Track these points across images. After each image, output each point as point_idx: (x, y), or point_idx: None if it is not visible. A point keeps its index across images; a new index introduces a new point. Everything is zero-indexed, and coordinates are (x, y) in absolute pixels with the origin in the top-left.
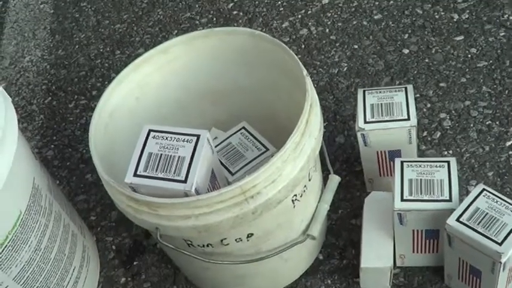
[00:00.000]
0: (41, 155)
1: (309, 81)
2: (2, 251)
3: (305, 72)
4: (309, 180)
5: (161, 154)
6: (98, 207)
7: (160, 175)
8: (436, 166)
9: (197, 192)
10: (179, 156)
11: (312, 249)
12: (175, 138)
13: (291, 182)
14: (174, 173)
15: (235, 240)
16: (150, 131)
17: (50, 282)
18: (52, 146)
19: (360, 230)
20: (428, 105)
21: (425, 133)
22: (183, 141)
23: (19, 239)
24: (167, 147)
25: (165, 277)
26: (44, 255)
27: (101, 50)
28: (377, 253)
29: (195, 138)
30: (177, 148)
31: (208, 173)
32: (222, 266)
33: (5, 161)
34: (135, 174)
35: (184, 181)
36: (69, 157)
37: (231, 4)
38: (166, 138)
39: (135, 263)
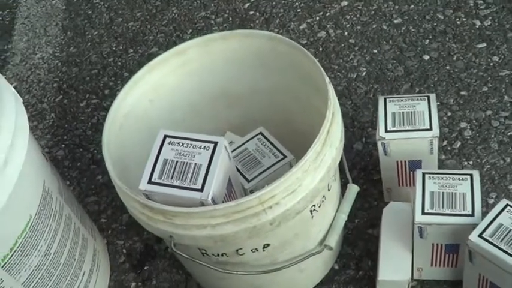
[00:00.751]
0: (51, 154)
1: (331, 88)
2: (11, 255)
3: (327, 79)
4: (328, 190)
5: (177, 161)
6: (108, 209)
7: (175, 183)
8: (459, 179)
9: (214, 201)
10: (196, 164)
11: (327, 259)
12: (191, 144)
13: (310, 192)
14: (190, 181)
15: (251, 250)
16: (165, 136)
17: (60, 287)
18: (63, 145)
19: (376, 240)
20: (449, 113)
21: (445, 142)
22: (200, 148)
23: (28, 243)
24: (183, 154)
25: (177, 283)
26: (53, 259)
27: (114, 48)
28: (395, 265)
29: (212, 145)
30: (194, 155)
31: (225, 181)
32: (236, 276)
33: (15, 166)
34: (150, 182)
35: (201, 190)
36: (80, 157)
37: (248, 4)
38: (183, 145)
39: (146, 267)
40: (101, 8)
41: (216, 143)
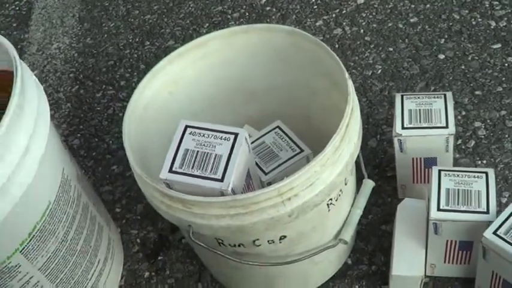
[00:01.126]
0: (67, 143)
1: (350, 84)
2: (30, 240)
3: (347, 74)
4: (345, 184)
5: (198, 151)
6: (123, 199)
7: (196, 172)
8: (474, 176)
9: (233, 192)
10: (216, 154)
11: (341, 253)
12: (212, 135)
13: (328, 186)
14: (210, 171)
15: (268, 241)
16: (187, 126)
17: (75, 273)
18: (78, 135)
19: (390, 236)
20: (463, 113)
21: (459, 141)
22: (221, 138)
23: (47, 229)
24: (204, 144)
25: (190, 274)
26: (70, 246)
27: (130, 40)
28: (408, 261)
29: (233, 136)
30: (214, 146)
31: (244, 173)
32: (251, 267)
33: (37, 152)
34: (171, 171)
35: (221, 180)
36: (96, 147)
37: (264, 0)
38: (203, 135)
39: (159, 257)
40: (117, 0)
41: (236, 134)
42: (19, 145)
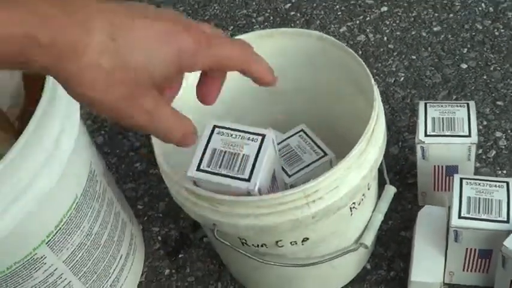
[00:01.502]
0: (92, 140)
1: (376, 89)
2: (56, 233)
3: (373, 81)
4: (368, 189)
5: (225, 151)
6: (145, 196)
7: (223, 172)
8: (495, 186)
9: (259, 192)
10: (243, 154)
11: (361, 258)
12: (240, 136)
13: (352, 189)
14: (237, 171)
15: (290, 243)
16: (215, 126)
17: (98, 267)
18: (102, 132)
19: (409, 242)
20: (485, 122)
21: (480, 151)
22: (248, 139)
23: (73, 222)
24: (232, 145)
25: (210, 273)
26: (94, 240)
27: None
28: (428, 268)
29: (260, 137)
30: (242, 146)
31: (270, 174)
32: (272, 267)
33: (67, 145)
34: (198, 169)
35: (248, 180)
36: (119, 144)
37: (289, 4)
38: (231, 135)
39: (180, 255)
40: (143, 1)
41: (264, 136)
42: (50, 139)
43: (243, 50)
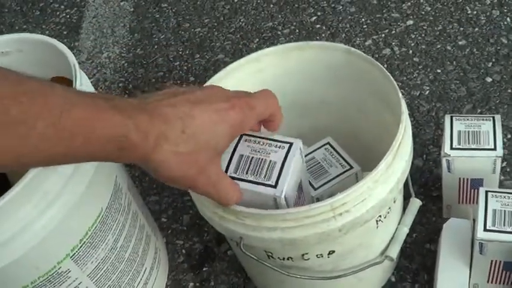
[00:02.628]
0: None
1: (404, 103)
2: (81, 246)
3: (400, 95)
4: (394, 202)
5: (252, 157)
6: (169, 209)
7: (250, 178)
8: None
9: (286, 200)
10: (270, 161)
11: (386, 270)
12: (267, 143)
13: (379, 203)
14: (264, 177)
15: (316, 255)
16: (242, 135)
17: (122, 281)
18: None
19: (433, 255)
20: (509, 136)
21: (504, 163)
22: (275, 147)
23: (97, 236)
24: (259, 151)
25: (234, 286)
26: (119, 254)
27: (180, 53)
28: (453, 279)
29: (288, 145)
30: (269, 153)
31: (297, 184)
32: (297, 280)
33: None
34: None
35: (275, 186)
36: None
37: (314, 17)
38: (258, 143)
39: (204, 269)
40: (168, 13)
41: (291, 144)
42: None
43: (274, 102)
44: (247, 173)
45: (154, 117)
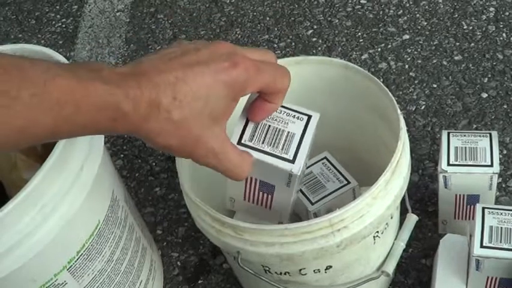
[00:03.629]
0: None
1: (402, 120)
2: (77, 259)
3: (399, 111)
4: (391, 218)
5: (269, 125)
6: (164, 221)
7: (266, 149)
8: None
9: (298, 177)
10: (289, 132)
11: (382, 285)
12: (285, 112)
13: (377, 219)
14: (282, 150)
15: (314, 271)
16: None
17: None
18: (122, 155)
19: (429, 270)
20: (505, 151)
21: (499, 179)
22: (293, 117)
23: (94, 248)
24: (276, 120)
25: None
26: (115, 266)
27: None
28: None
29: (306, 118)
30: (287, 123)
31: (308, 155)
32: None
33: (91, 170)
34: (239, 143)
35: (293, 161)
36: (139, 168)
37: (311, 31)
38: (277, 110)
39: (199, 281)
40: (164, 24)
41: (310, 116)
42: (74, 165)
43: (285, 77)
44: (263, 143)
45: (143, 84)
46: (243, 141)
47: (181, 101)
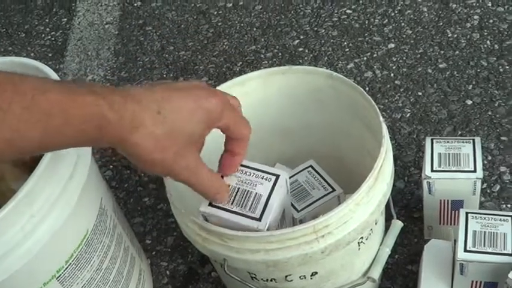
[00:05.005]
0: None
1: (385, 127)
2: (66, 268)
3: (381, 118)
4: (375, 223)
5: (239, 188)
6: (153, 231)
7: (235, 209)
8: (500, 219)
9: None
10: (256, 193)
11: None
12: (254, 174)
13: (361, 224)
14: (249, 209)
15: (300, 277)
16: None
17: None
18: (111, 166)
19: (415, 276)
20: (489, 157)
21: (484, 185)
22: (262, 178)
23: (83, 257)
24: (246, 182)
25: None
26: (104, 275)
27: (165, 75)
28: None
29: (274, 177)
30: (255, 184)
31: (280, 213)
32: None
33: (79, 180)
34: (210, 204)
35: (259, 219)
36: (127, 179)
37: (297, 41)
38: (246, 173)
39: None
40: (153, 36)
41: (278, 176)
42: (63, 172)
43: (247, 125)
44: (232, 204)
45: (128, 98)
46: (213, 203)
47: (166, 117)
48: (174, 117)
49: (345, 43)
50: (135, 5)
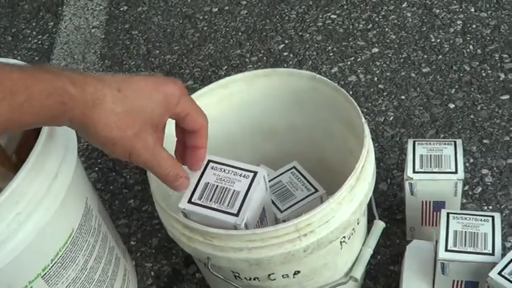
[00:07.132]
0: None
1: (366, 128)
2: (52, 266)
3: (363, 119)
4: (357, 223)
5: (217, 185)
6: (138, 232)
7: (213, 205)
8: (481, 220)
9: (246, 227)
10: (234, 190)
11: None
12: (232, 171)
13: (343, 223)
14: (227, 206)
15: (282, 276)
16: (209, 161)
17: None
18: (96, 168)
19: (397, 276)
20: (471, 160)
21: (466, 187)
22: (240, 175)
23: (68, 256)
24: (224, 180)
25: None
26: (89, 275)
27: None
28: None
29: (252, 174)
30: (233, 182)
31: (259, 210)
32: None
33: (65, 178)
34: (190, 201)
35: (236, 215)
36: (113, 181)
37: (282, 45)
38: (224, 171)
39: None
40: (139, 40)
41: (256, 173)
42: (49, 170)
43: (204, 115)
44: (211, 201)
45: (88, 77)
46: (193, 200)
47: (126, 96)
48: (134, 96)
49: (329, 47)
50: (122, 9)
